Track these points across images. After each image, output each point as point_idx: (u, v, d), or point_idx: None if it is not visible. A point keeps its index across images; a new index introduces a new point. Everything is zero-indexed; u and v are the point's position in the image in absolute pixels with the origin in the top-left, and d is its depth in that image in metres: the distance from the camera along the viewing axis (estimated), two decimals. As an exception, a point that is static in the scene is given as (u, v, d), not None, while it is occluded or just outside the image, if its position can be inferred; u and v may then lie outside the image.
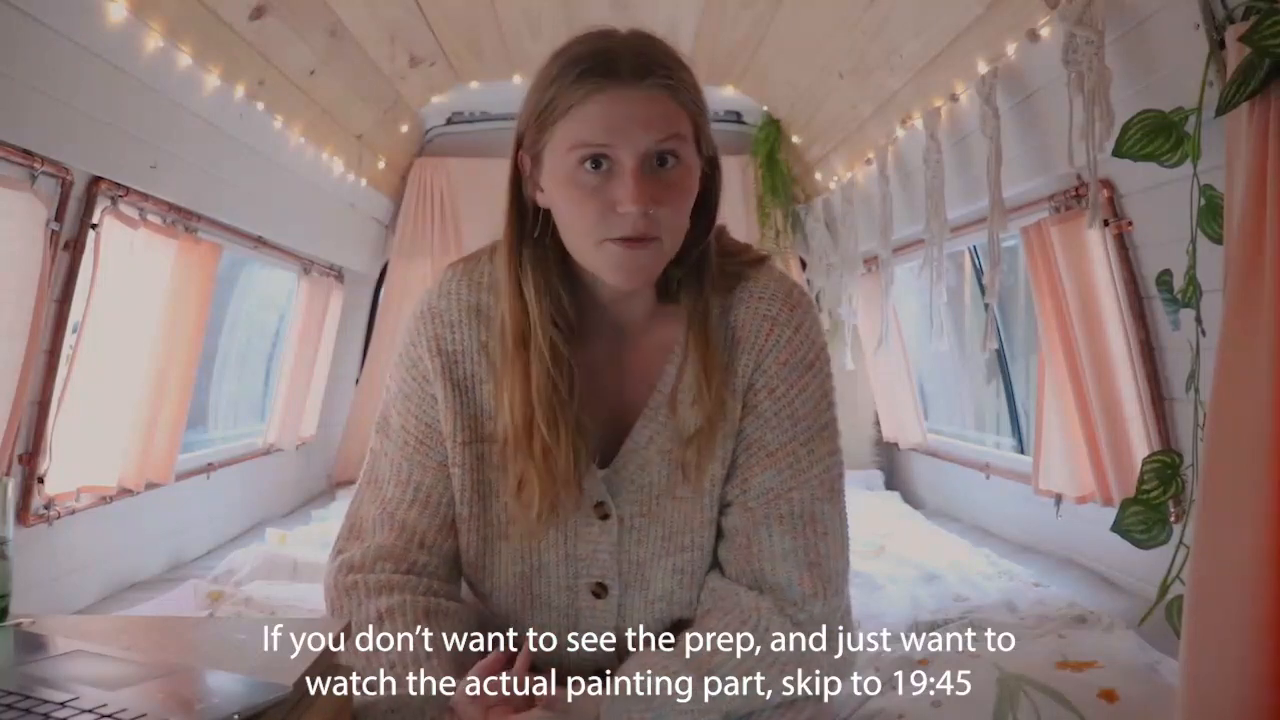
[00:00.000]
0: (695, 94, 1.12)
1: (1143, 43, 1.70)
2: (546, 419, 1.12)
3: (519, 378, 1.14)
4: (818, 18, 2.83)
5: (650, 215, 1.06)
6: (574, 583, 1.20)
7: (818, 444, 1.17)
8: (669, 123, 1.08)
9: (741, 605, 1.13)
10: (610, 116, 1.06)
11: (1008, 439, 3.39)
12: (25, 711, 0.73)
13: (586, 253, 1.10)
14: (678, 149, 1.08)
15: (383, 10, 2.83)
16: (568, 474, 1.13)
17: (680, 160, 1.09)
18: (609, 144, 1.06)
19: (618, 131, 1.06)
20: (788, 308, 1.18)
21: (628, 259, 1.07)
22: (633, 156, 1.06)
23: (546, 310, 1.13)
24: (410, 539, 1.18)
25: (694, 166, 1.12)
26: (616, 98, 1.06)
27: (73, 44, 1.83)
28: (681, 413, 1.16)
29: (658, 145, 1.07)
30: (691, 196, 1.12)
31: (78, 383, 2.18)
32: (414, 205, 4.16)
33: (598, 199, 1.07)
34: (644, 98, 1.07)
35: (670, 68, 1.10)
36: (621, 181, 1.05)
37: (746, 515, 1.16)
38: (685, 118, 1.10)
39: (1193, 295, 1.66)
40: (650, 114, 1.07)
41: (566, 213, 1.10)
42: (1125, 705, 1.47)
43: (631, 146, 1.06)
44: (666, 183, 1.08)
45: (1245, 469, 1.26)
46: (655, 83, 1.07)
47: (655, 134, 1.06)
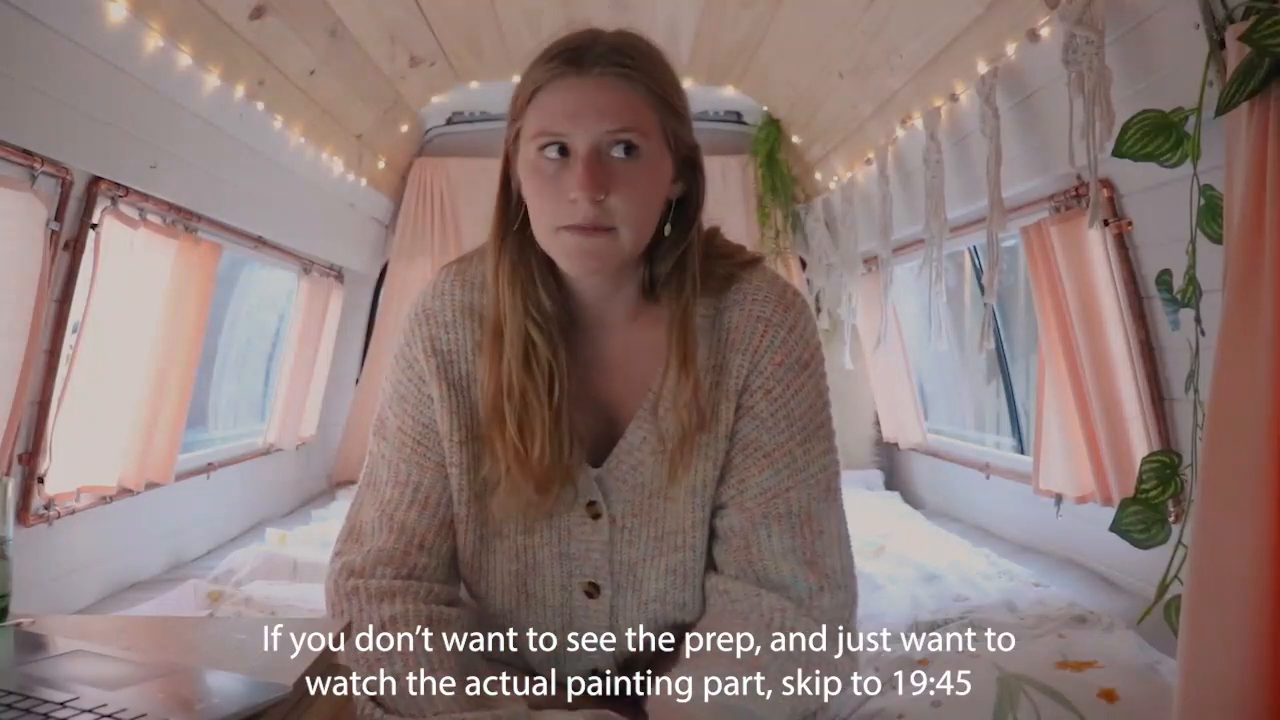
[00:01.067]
0: (667, 90, 1.12)
1: (1143, 43, 1.70)
2: (516, 412, 1.13)
3: (491, 368, 1.15)
4: (818, 18, 2.84)
5: (601, 204, 1.07)
6: (568, 582, 1.20)
7: (814, 444, 1.18)
8: (627, 113, 1.08)
9: (765, 608, 1.13)
10: (566, 103, 1.08)
11: (1008, 439, 3.39)
12: (25, 711, 0.73)
13: (547, 242, 1.12)
14: (635, 141, 1.08)
15: (383, 10, 2.83)
16: (541, 467, 1.13)
17: (639, 154, 1.09)
18: (564, 131, 1.07)
19: (572, 118, 1.07)
20: (781, 308, 1.18)
21: (579, 246, 1.08)
22: (585, 143, 1.07)
23: (519, 300, 1.14)
24: (410, 541, 1.18)
25: (656, 161, 1.11)
26: (573, 84, 1.08)
27: (73, 44, 1.83)
28: (663, 414, 1.16)
29: (611, 134, 1.07)
30: (650, 192, 1.11)
31: (78, 383, 2.18)
32: (414, 205, 4.17)
33: (554, 186, 1.08)
34: (599, 84, 1.08)
35: (636, 60, 1.10)
36: (573, 169, 1.07)
37: (744, 515, 1.16)
38: (649, 111, 1.10)
39: (1192, 295, 1.66)
40: (606, 102, 1.08)
41: (530, 200, 1.12)
42: (1125, 705, 1.47)
43: (584, 133, 1.07)
44: (619, 174, 1.08)
45: (1244, 469, 1.26)
46: (613, 71, 1.08)
47: (609, 123, 1.07)
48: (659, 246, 1.16)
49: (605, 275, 1.14)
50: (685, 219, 1.17)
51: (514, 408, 1.13)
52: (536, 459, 1.13)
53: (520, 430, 1.13)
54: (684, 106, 1.15)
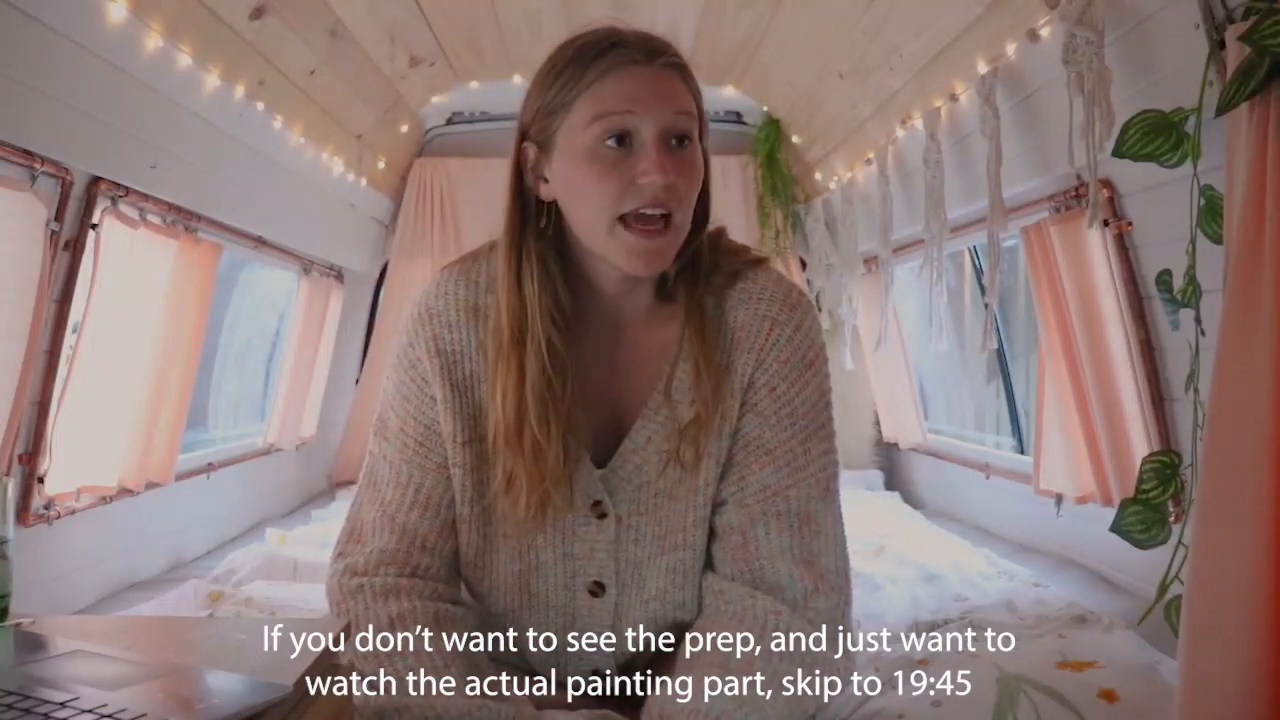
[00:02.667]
0: (697, 86, 1.16)
1: (1143, 43, 1.70)
2: (539, 416, 1.13)
3: (513, 373, 1.14)
4: (818, 18, 2.84)
5: (670, 187, 1.08)
6: (571, 581, 1.20)
7: (815, 443, 1.18)
8: (684, 101, 1.12)
9: (759, 610, 1.12)
10: (633, 89, 1.09)
11: (1008, 439, 3.39)
12: (25, 711, 0.73)
13: (600, 237, 1.11)
14: (691, 130, 1.12)
15: (383, 10, 2.83)
16: (557, 471, 1.13)
17: (693, 142, 1.13)
18: (632, 111, 1.08)
19: (641, 103, 1.09)
20: (787, 307, 1.18)
21: (644, 246, 1.09)
22: (654, 127, 1.09)
23: (546, 305, 1.14)
24: (411, 542, 1.18)
25: (699, 153, 1.14)
26: (636, 73, 1.10)
27: (73, 44, 1.83)
28: (676, 408, 1.16)
29: (675, 120, 1.10)
30: (700, 181, 1.14)
31: (78, 383, 2.18)
32: (414, 205, 4.17)
33: (618, 173, 1.08)
34: (660, 74, 1.11)
35: (678, 54, 1.14)
36: (645, 153, 1.08)
37: (743, 512, 1.17)
38: (694, 103, 1.14)
39: (1192, 295, 1.66)
40: (670, 89, 1.11)
41: (583, 191, 1.10)
42: (1125, 705, 1.47)
43: (653, 117, 1.09)
44: (683, 159, 1.10)
45: (1245, 469, 1.26)
46: (668, 61, 1.12)
47: (675, 108, 1.10)
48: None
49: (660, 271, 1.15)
50: (700, 214, 1.18)
51: (538, 412, 1.13)
52: (552, 462, 1.13)
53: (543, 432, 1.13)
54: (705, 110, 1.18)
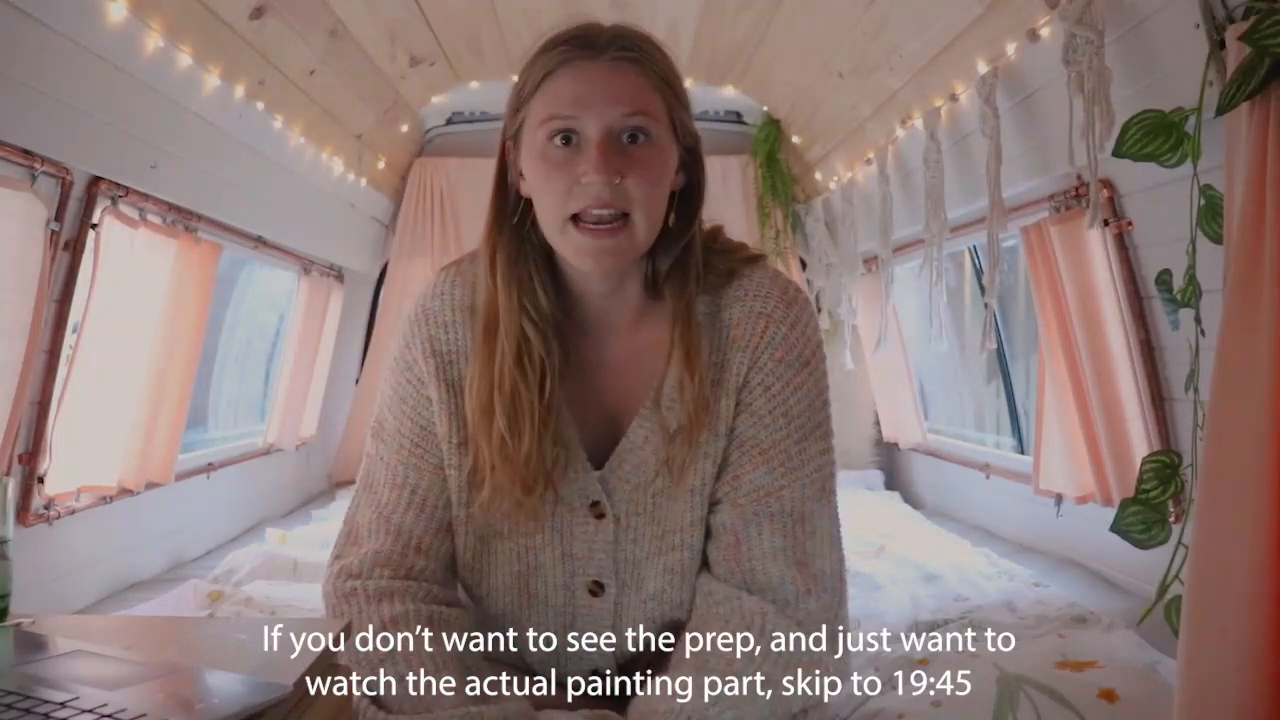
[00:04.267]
0: (670, 78, 1.12)
1: (1143, 43, 1.70)
2: (506, 411, 1.12)
3: (483, 366, 1.14)
4: (818, 18, 2.84)
5: (617, 187, 1.06)
6: (570, 581, 1.20)
7: (810, 442, 1.17)
8: (637, 98, 1.08)
9: (746, 610, 1.12)
10: (577, 87, 1.08)
11: (1008, 439, 3.39)
12: (25, 711, 0.73)
13: (555, 237, 1.11)
14: (646, 126, 1.08)
15: (383, 10, 2.83)
16: (528, 469, 1.12)
17: (650, 139, 1.09)
18: (575, 115, 1.07)
19: (584, 103, 1.07)
20: (783, 305, 1.17)
21: (594, 245, 1.08)
22: (598, 128, 1.07)
23: (516, 299, 1.13)
24: (407, 543, 1.18)
25: (666, 149, 1.11)
26: (583, 69, 1.08)
27: (73, 44, 1.83)
28: (665, 411, 1.15)
29: (624, 120, 1.07)
30: (663, 178, 1.11)
31: (78, 383, 2.18)
32: (414, 205, 4.17)
33: (565, 172, 1.07)
34: (610, 69, 1.08)
35: (643, 47, 1.10)
36: (587, 154, 1.06)
37: (736, 512, 1.16)
38: (657, 99, 1.10)
39: (1192, 295, 1.66)
40: (618, 86, 1.08)
41: (537, 190, 1.11)
42: (1125, 705, 1.47)
43: (596, 118, 1.07)
44: (633, 158, 1.08)
45: (1245, 469, 1.26)
46: (621, 55, 1.08)
47: (622, 107, 1.07)
48: (661, 240, 1.15)
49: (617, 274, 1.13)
50: (688, 211, 1.17)
51: (504, 405, 1.12)
52: (523, 458, 1.12)
53: (509, 428, 1.12)
54: (687, 95, 1.15)
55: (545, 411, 1.13)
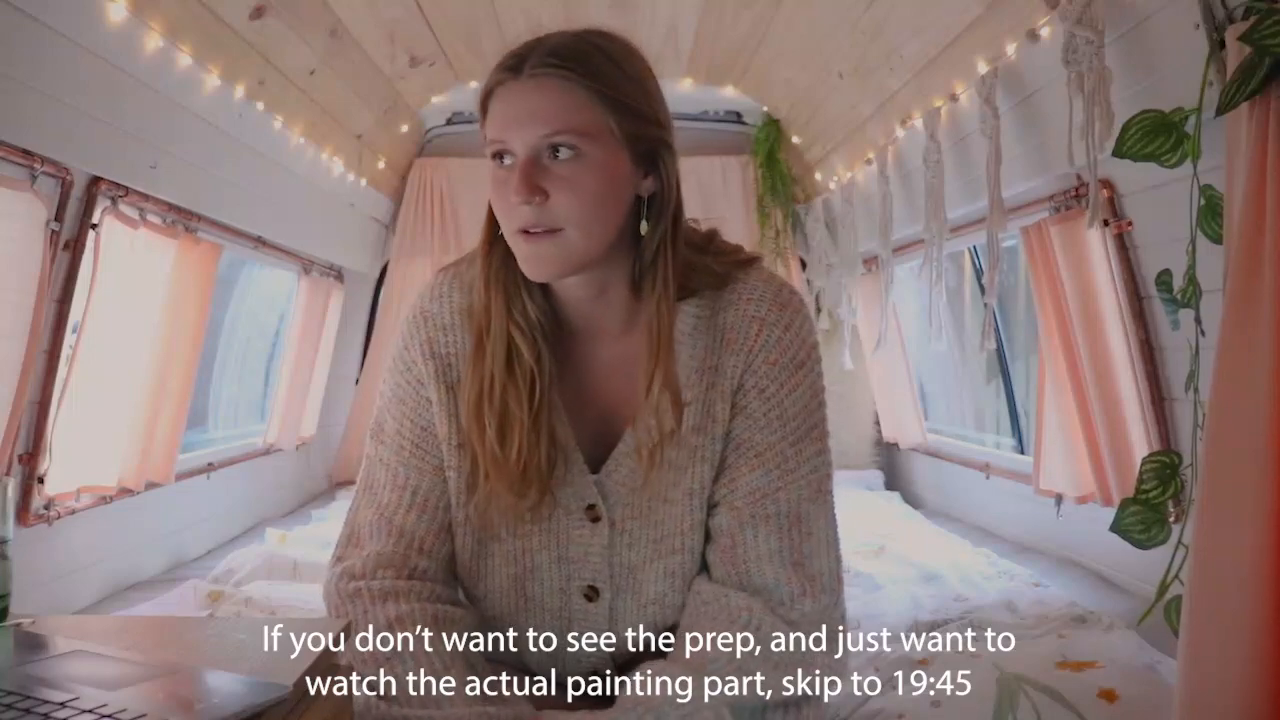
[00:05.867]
0: (614, 85, 1.08)
1: (1143, 43, 1.70)
2: (496, 414, 1.13)
3: (474, 373, 1.15)
4: (818, 18, 2.84)
5: (543, 207, 1.06)
6: (566, 585, 1.20)
7: (806, 444, 1.17)
8: (558, 116, 1.06)
9: (733, 607, 1.12)
10: (505, 110, 1.08)
11: (1008, 439, 3.39)
12: (25, 711, 0.73)
13: (511, 246, 1.12)
14: (571, 142, 1.06)
15: (383, 10, 2.83)
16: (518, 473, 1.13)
17: (578, 153, 1.06)
18: (503, 139, 1.08)
19: (508, 125, 1.07)
20: (777, 307, 1.17)
21: (527, 251, 1.09)
22: (522, 149, 1.07)
23: (503, 304, 1.14)
24: (409, 545, 1.18)
25: (602, 161, 1.08)
26: (511, 89, 1.08)
27: (73, 44, 1.83)
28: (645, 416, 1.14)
29: (546, 138, 1.06)
30: (597, 191, 1.08)
31: (78, 383, 2.18)
32: (414, 205, 4.17)
33: (503, 191, 1.08)
34: (532, 88, 1.07)
35: (577, 58, 1.08)
36: (512, 175, 1.07)
37: (733, 515, 1.16)
38: (587, 112, 1.07)
39: (1192, 295, 1.66)
40: (539, 106, 1.07)
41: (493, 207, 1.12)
42: (1125, 705, 1.47)
43: (520, 139, 1.07)
44: (557, 175, 1.07)
45: (1245, 469, 1.26)
46: (546, 73, 1.07)
47: (542, 127, 1.06)
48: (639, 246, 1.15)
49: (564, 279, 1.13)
50: (655, 217, 1.15)
51: (494, 411, 1.13)
52: (513, 463, 1.13)
53: (499, 434, 1.13)
54: (639, 99, 1.11)
55: (534, 419, 1.14)
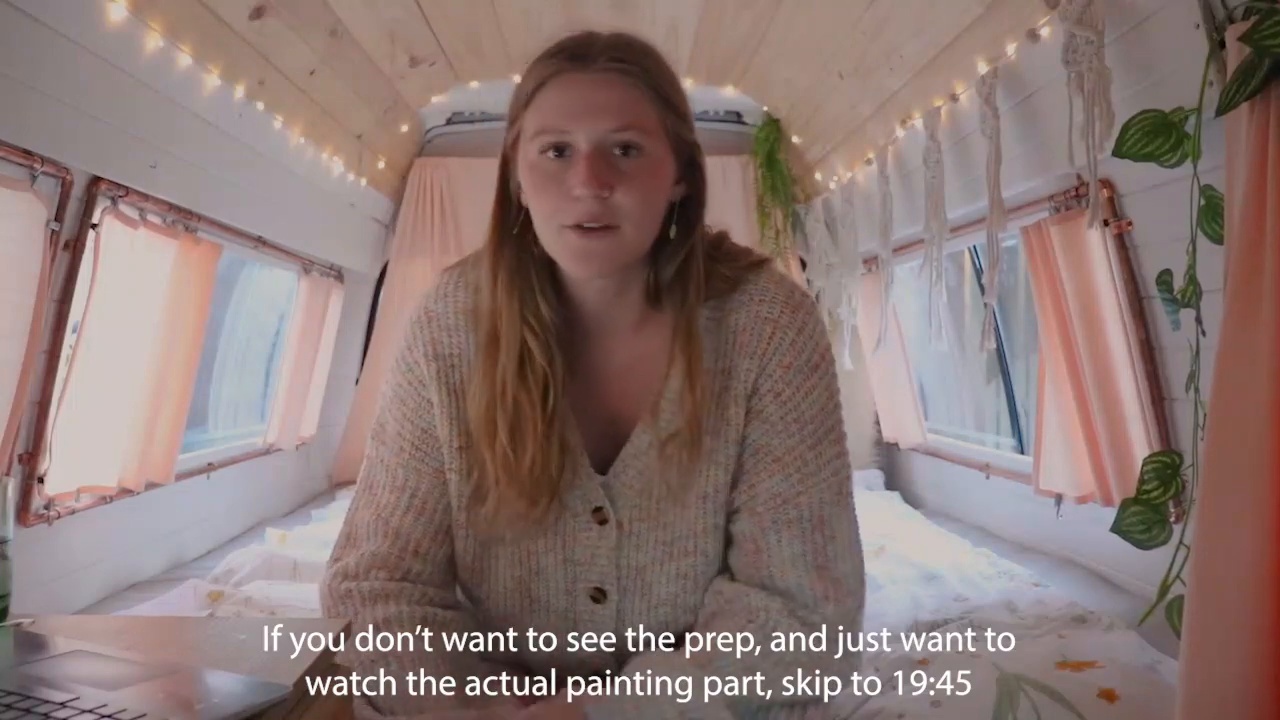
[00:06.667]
0: (666, 90, 1.10)
1: (1143, 43, 1.70)
2: (508, 420, 1.12)
3: (485, 376, 1.13)
4: (818, 18, 2.83)
5: (606, 201, 1.05)
6: (572, 587, 1.19)
7: (825, 447, 1.16)
8: (629, 111, 1.07)
9: (749, 606, 1.12)
10: (568, 102, 1.07)
11: (1008, 439, 3.39)
12: (25, 711, 0.73)
13: (550, 242, 1.10)
14: (636, 140, 1.07)
15: (383, 10, 2.83)
16: (532, 480, 1.12)
17: (642, 152, 1.07)
18: (565, 129, 1.06)
19: (574, 116, 1.06)
20: (789, 309, 1.16)
21: (583, 247, 1.07)
22: (588, 142, 1.06)
23: (517, 307, 1.13)
24: (405, 547, 1.18)
25: (660, 161, 1.10)
26: (575, 81, 1.07)
27: (73, 44, 1.83)
28: (663, 419, 1.14)
29: (614, 133, 1.06)
30: (654, 190, 1.10)
31: (78, 383, 2.18)
32: (414, 205, 4.17)
33: (556, 185, 1.07)
34: (601, 82, 1.07)
35: (636, 57, 1.09)
36: (576, 167, 1.06)
37: (754, 520, 1.15)
38: (650, 112, 1.08)
39: (1193, 295, 1.66)
40: (608, 100, 1.06)
41: (532, 201, 1.10)
42: (1125, 705, 1.47)
43: (586, 132, 1.06)
44: (623, 171, 1.07)
45: (1245, 469, 1.26)
46: (614, 67, 1.07)
47: (612, 120, 1.06)
48: (662, 250, 1.15)
49: (609, 277, 1.13)
50: (688, 221, 1.16)
51: (506, 416, 1.12)
52: (527, 470, 1.12)
53: (511, 440, 1.12)
54: (685, 105, 1.13)
55: (548, 423, 1.13)
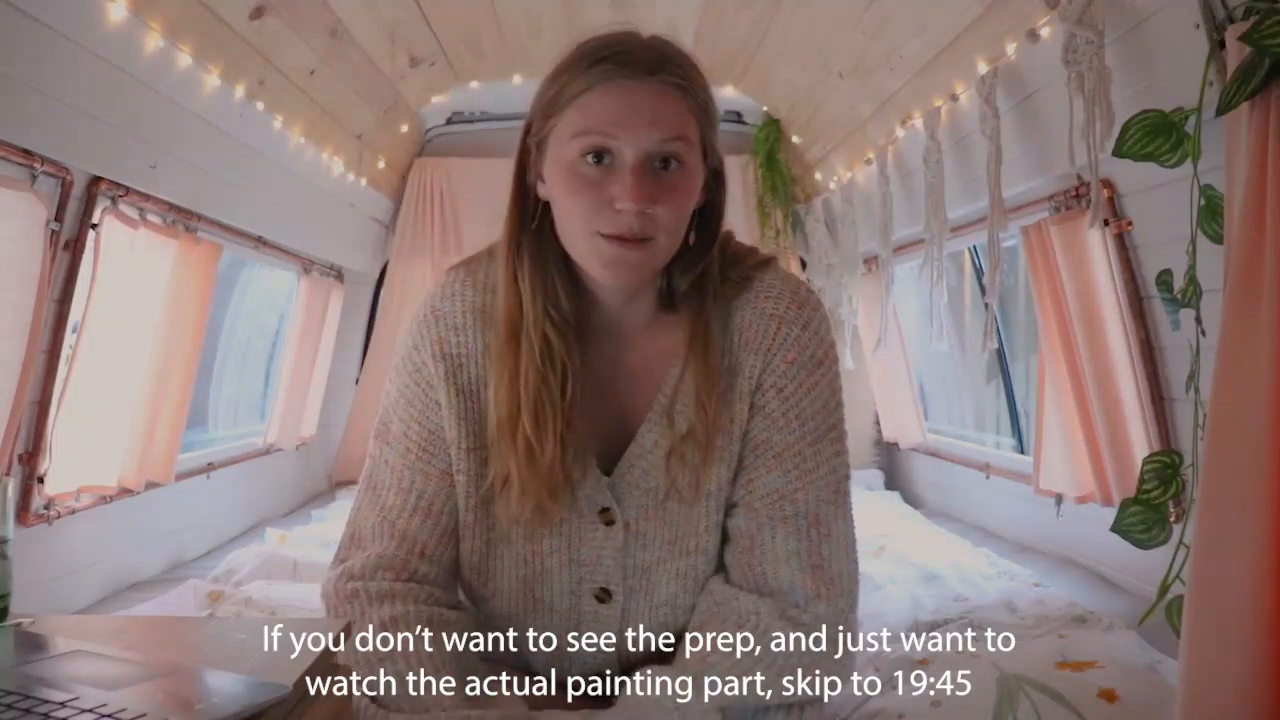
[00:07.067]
0: (707, 102, 1.10)
1: (1143, 43, 1.70)
2: (532, 414, 1.11)
3: (507, 370, 1.13)
4: (818, 18, 2.83)
5: (647, 215, 1.05)
6: (577, 587, 1.19)
7: (825, 445, 1.16)
8: (676, 123, 1.06)
9: (740, 610, 1.12)
10: (617, 107, 1.05)
11: (1008, 439, 3.39)
12: (25, 711, 0.73)
13: (578, 244, 1.09)
14: (681, 153, 1.07)
15: (383, 10, 2.83)
16: (552, 474, 1.12)
17: (683, 165, 1.07)
18: (613, 135, 1.04)
19: (623, 124, 1.04)
20: (795, 306, 1.16)
21: (617, 256, 1.06)
22: (635, 153, 1.04)
23: (540, 303, 1.12)
24: (410, 548, 1.17)
25: (697, 173, 1.10)
26: (626, 88, 1.05)
27: (73, 44, 1.83)
28: (677, 420, 1.14)
29: (661, 145, 1.05)
30: (690, 202, 1.10)
31: (78, 383, 2.18)
32: (414, 205, 4.17)
33: (594, 191, 1.05)
34: (654, 91, 1.05)
35: (685, 69, 1.08)
36: (621, 177, 1.04)
37: (751, 516, 1.15)
38: (694, 123, 1.08)
39: (1193, 295, 1.66)
40: (658, 111, 1.05)
41: (563, 202, 1.09)
42: (1125, 705, 1.47)
43: (635, 142, 1.04)
44: (666, 185, 1.06)
45: (1245, 469, 1.26)
46: (667, 79, 1.06)
47: (661, 132, 1.05)
48: (681, 256, 1.14)
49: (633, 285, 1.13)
50: (708, 229, 1.16)
51: (530, 411, 1.11)
52: (548, 463, 1.11)
53: (535, 433, 1.11)
54: (718, 117, 1.13)
55: (568, 415, 1.12)
